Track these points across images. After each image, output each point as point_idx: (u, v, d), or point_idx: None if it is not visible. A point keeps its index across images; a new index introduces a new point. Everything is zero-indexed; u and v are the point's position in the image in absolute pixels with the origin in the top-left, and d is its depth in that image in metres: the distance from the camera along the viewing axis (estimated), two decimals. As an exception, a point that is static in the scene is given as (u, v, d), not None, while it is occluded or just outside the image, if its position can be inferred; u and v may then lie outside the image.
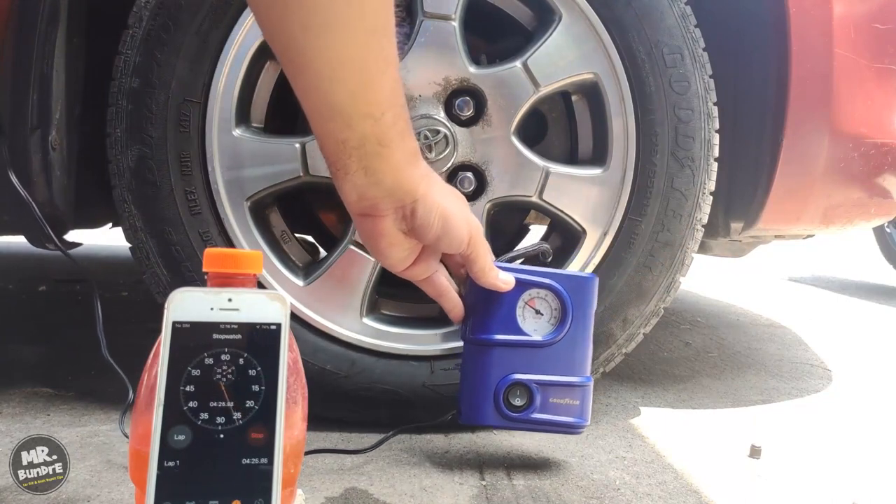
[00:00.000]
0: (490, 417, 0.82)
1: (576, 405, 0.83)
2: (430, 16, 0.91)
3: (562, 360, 0.82)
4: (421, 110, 0.93)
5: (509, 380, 0.81)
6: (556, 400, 0.82)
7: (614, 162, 0.96)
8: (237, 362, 0.49)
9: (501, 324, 0.81)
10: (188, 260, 0.92)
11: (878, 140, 1.07)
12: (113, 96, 0.90)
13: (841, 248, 5.17)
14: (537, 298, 0.82)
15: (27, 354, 1.31)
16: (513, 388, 0.81)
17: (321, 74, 0.57)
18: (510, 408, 0.81)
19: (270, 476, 0.48)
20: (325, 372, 0.94)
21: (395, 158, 0.62)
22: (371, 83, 0.58)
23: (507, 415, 0.81)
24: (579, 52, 0.94)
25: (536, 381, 0.81)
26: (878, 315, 2.43)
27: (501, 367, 0.81)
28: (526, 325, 0.82)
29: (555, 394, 0.82)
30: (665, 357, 1.54)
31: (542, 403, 0.82)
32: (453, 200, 0.70)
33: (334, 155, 0.61)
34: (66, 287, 2.07)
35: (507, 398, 0.81)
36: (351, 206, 0.66)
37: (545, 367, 0.82)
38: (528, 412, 0.81)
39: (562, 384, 0.82)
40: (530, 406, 0.81)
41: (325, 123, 0.59)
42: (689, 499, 0.80)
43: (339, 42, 0.55)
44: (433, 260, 0.75)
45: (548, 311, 0.82)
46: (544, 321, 0.82)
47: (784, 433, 1.06)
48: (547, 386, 0.82)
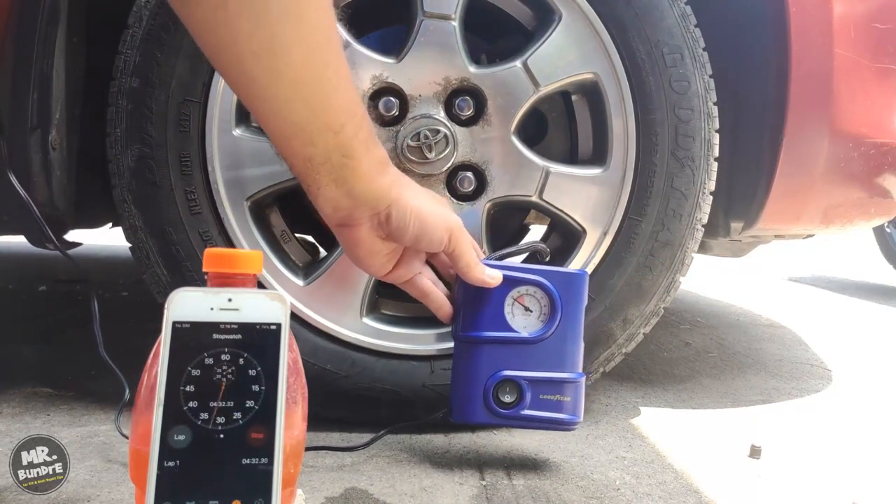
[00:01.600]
0: (480, 415, 0.82)
1: (567, 401, 0.82)
2: (429, 15, 0.91)
3: (552, 356, 0.82)
4: (421, 110, 0.93)
5: (499, 377, 0.81)
6: (547, 396, 0.82)
7: (614, 162, 0.96)
8: (237, 362, 0.49)
9: (490, 321, 0.81)
10: (188, 260, 0.92)
11: (877, 140, 1.07)
12: (113, 96, 0.90)
13: (841, 248, 5.17)
14: (526, 295, 0.82)
15: (27, 354, 1.31)
16: (502, 385, 0.81)
17: (277, 97, 0.58)
18: (500, 405, 0.81)
19: (270, 476, 0.48)
20: (325, 372, 0.94)
21: (362, 168, 0.64)
22: (327, 98, 0.60)
23: (497, 412, 0.81)
24: (579, 51, 0.94)
25: (526, 378, 0.82)
26: (878, 315, 2.43)
27: (491, 365, 0.82)
28: (515, 322, 0.82)
29: (545, 390, 0.82)
30: (665, 357, 1.54)
31: (532, 400, 0.82)
32: (427, 201, 0.71)
33: (304, 173, 0.63)
34: (65, 287, 2.07)
35: (497, 395, 0.82)
36: (328, 218, 0.68)
37: (535, 363, 0.82)
38: (517, 409, 0.81)
39: (552, 381, 0.82)
40: (520, 403, 0.81)
41: (289, 142, 0.61)
42: (689, 499, 0.80)
43: (291, 64, 0.57)
44: (416, 262, 0.77)
45: (537, 308, 0.82)
46: (533, 318, 0.82)
47: (784, 433, 1.06)
48: (537, 382, 0.82)
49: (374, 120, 0.93)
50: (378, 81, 0.92)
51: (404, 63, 0.92)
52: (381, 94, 0.92)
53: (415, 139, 0.92)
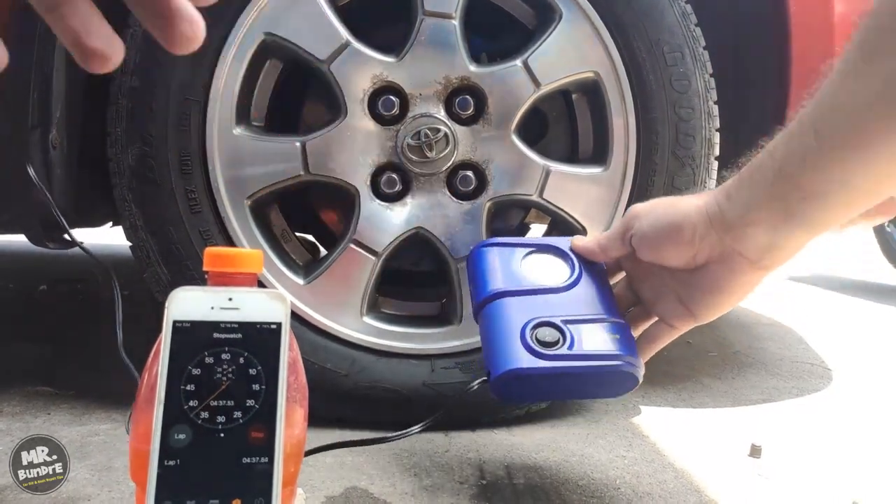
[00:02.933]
0: (522, 359, 0.68)
1: (617, 339, 0.70)
2: (430, 14, 0.91)
3: (584, 302, 0.73)
4: (421, 109, 0.93)
5: (534, 321, 0.70)
6: (592, 337, 0.70)
7: (615, 161, 0.96)
8: (237, 361, 0.49)
9: (510, 279, 0.75)
10: (188, 259, 0.92)
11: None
12: (113, 95, 0.90)
13: (841, 248, 5.17)
14: (538, 258, 0.78)
15: (28, 353, 1.31)
16: (540, 327, 0.70)
17: None
18: (542, 345, 0.68)
19: (271, 475, 0.48)
20: (326, 371, 0.94)
21: None
22: None
23: (540, 353, 0.68)
24: (580, 50, 0.94)
25: (563, 319, 0.71)
26: (878, 314, 2.43)
27: (522, 313, 0.71)
28: (535, 277, 0.75)
29: (588, 332, 0.70)
30: (665, 356, 1.53)
31: (575, 339, 0.69)
32: None
33: None
34: (66, 286, 2.07)
35: (537, 338, 0.69)
36: None
37: (568, 308, 0.72)
38: (562, 348, 0.68)
39: (593, 320, 0.71)
40: (563, 341, 0.69)
41: None
42: (689, 498, 0.80)
43: None
44: None
45: (552, 267, 0.77)
46: (552, 272, 0.76)
47: (784, 432, 1.06)
48: (576, 324, 0.70)
49: (373, 119, 0.93)
50: (378, 80, 0.92)
51: (404, 62, 0.92)
52: (381, 92, 0.92)
53: (415, 138, 0.92)
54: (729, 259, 0.61)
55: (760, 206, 0.57)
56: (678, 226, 0.64)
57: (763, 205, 0.56)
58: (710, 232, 0.61)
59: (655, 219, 0.67)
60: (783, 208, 0.55)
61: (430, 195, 0.95)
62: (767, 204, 0.56)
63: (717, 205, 0.61)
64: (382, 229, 0.95)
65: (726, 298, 0.65)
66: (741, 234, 0.59)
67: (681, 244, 0.63)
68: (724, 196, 0.61)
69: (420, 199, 0.96)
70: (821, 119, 0.52)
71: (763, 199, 0.56)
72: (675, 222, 0.64)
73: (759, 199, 0.57)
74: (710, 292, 0.65)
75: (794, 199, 0.54)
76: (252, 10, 0.89)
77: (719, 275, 0.63)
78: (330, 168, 0.93)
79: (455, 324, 0.97)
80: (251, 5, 0.89)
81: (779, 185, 0.54)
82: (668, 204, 0.68)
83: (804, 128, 0.53)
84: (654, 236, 0.67)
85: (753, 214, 0.57)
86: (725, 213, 0.60)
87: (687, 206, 0.64)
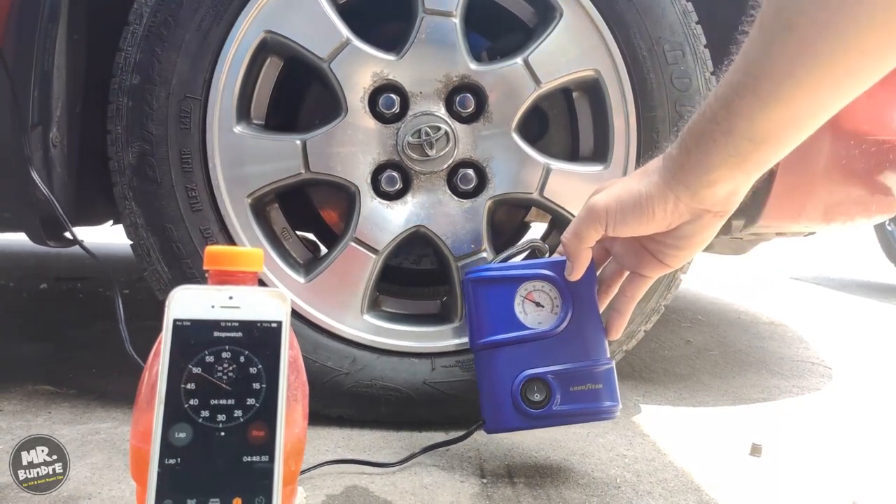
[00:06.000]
0: (514, 420, 0.79)
1: (600, 389, 0.79)
2: (430, 12, 0.91)
3: (573, 346, 0.79)
4: (422, 107, 0.93)
5: (523, 377, 0.79)
6: (578, 388, 0.79)
7: (615, 159, 0.96)
8: (238, 360, 0.49)
9: (503, 323, 0.80)
10: (189, 257, 0.92)
11: (879, 137, 1.07)
12: (114, 93, 0.90)
13: (842, 246, 5.17)
14: (534, 291, 0.81)
15: (28, 352, 1.31)
16: (528, 384, 0.79)
17: None
18: (530, 405, 0.78)
19: (271, 473, 0.48)
20: (326, 369, 0.94)
21: None
22: None
23: (530, 413, 0.78)
24: (580, 48, 0.94)
25: (551, 373, 0.79)
26: (879, 313, 2.43)
27: (513, 367, 0.79)
28: (528, 320, 0.80)
29: (574, 381, 0.79)
30: (666, 355, 1.54)
31: (563, 395, 0.78)
32: None
33: None
34: (66, 285, 2.07)
35: (525, 396, 0.79)
36: None
37: (557, 357, 0.79)
38: (549, 406, 0.78)
39: (579, 370, 0.79)
40: (551, 400, 0.78)
41: None
42: (689, 497, 0.80)
43: None
44: None
45: (548, 302, 0.81)
46: (546, 312, 0.80)
47: (785, 431, 1.06)
48: (563, 375, 0.79)
49: (374, 117, 0.93)
50: (379, 78, 0.92)
51: (405, 60, 0.92)
52: (381, 90, 0.92)
53: (415, 136, 0.92)
54: (699, 217, 0.67)
55: (719, 165, 0.61)
56: (651, 211, 0.68)
57: (721, 163, 0.61)
58: (678, 204, 0.66)
59: (624, 210, 0.70)
60: (739, 163, 0.60)
61: (430, 193, 0.95)
62: (724, 162, 0.60)
63: (673, 178, 0.65)
64: (383, 227, 0.95)
65: (697, 247, 0.71)
66: (707, 194, 0.64)
67: (654, 221, 0.68)
68: (677, 168, 0.64)
69: (420, 198, 0.95)
70: (758, 72, 0.55)
71: (719, 159, 0.60)
72: (645, 207, 0.68)
73: (715, 161, 0.61)
74: (682, 247, 0.71)
75: (747, 150, 0.58)
76: (253, 8, 0.89)
77: (691, 231, 0.68)
78: (330, 166, 0.93)
79: (455, 322, 0.97)
80: (252, 3, 0.89)
81: (731, 143, 0.58)
82: (628, 191, 0.70)
83: (742, 88, 0.56)
84: (634, 223, 0.70)
85: (714, 174, 0.62)
86: (689, 184, 0.64)
87: (648, 188, 0.67)
